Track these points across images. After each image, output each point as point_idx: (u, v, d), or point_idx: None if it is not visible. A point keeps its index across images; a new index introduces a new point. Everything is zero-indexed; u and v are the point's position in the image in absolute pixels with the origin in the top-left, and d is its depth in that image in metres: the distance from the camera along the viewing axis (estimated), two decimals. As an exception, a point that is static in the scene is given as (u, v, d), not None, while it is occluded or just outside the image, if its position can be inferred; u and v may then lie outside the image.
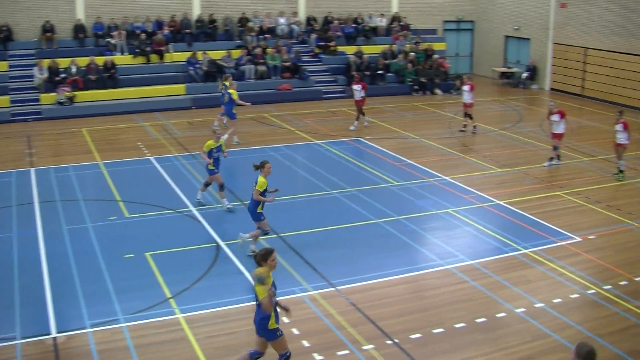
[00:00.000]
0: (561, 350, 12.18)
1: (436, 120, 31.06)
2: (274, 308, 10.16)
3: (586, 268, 15.66)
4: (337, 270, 15.17)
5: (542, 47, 40.80)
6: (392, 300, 13.86)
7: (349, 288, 14.31)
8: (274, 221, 17.68)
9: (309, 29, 39.25)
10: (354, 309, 13.42)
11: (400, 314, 13.26)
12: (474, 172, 22.79)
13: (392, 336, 12.43)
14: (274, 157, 23.58)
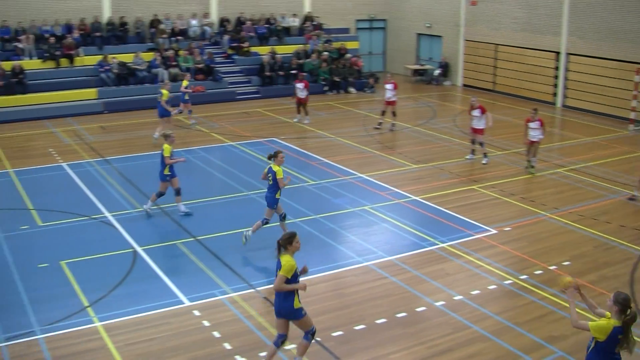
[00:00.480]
0: (481, 341, 12.40)
1: (351, 118, 31.24)
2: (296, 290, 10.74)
3: (503, 259, 15.98)
4: (256, 271, 15.16)
5: (453, 44, 41.46)
6: (313, 299, 13.85)
7: (269, 289, 14.27)
8: (190, 225, 17.59)
9: (222, 30, 39.01)
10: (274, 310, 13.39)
11: (321, 313, 13.28)
12: (390, 169, 22.99)
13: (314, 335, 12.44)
14: (190, 160, 23.39)
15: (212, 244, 16.65)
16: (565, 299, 14.01)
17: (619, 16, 32.26)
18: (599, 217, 18.99)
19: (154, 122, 27.61)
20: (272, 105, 33.06)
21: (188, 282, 14.54)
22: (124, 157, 24.07)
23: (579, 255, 16.42)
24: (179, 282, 14.53)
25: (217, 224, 18.02)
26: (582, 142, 27.90)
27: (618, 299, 8.96)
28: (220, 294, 14.06)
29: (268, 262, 15.57)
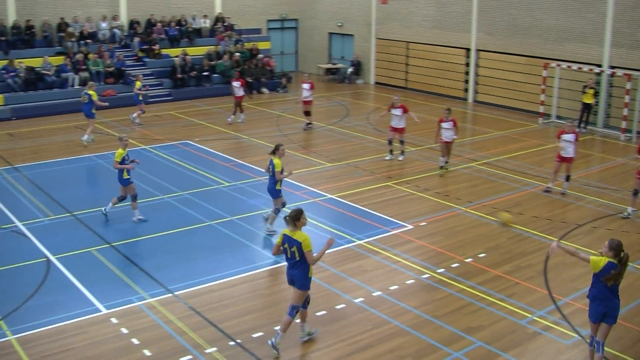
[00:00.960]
0: (401, 335, 12.48)
1: (264, 119, 31.15)
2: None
3: (419, 254, 16.12)
4: (173, 275, 14.91)
5: (365, 42, 41.77)
6: (232, 301, 13.77)
7: (187, 292, 14.11)
8: (105, 232, 17.26)
9: (132, 32, 38.43)
10: (193, 314, 13.24)
11: (240, 314, 13.20)
12: (305, 168, 22.99)
13: (234, 337, 12.34)
14: (102, 165, 23.00)
15: (128, 249, 16.36)
16: (483, 290, 14.24)
17: (527, 13, 32.97)
18: (513, 209, 19.33)
19: (65, 128, 27.03)
20: (184, 108, 32.73)
21: (104, 289, 14.24)
22: (34, 165, 23.47)
23: (494, 247, 16.68)
24: (95, 290, 14.21)
25: (132, 229, 17.70)
26: (494, 136, 28.40)
27: (612, 245, 10.90)
28: (138, 300, 13.82)
29: (186, 265, 15.43)
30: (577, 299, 14.11)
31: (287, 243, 11.69)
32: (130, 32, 38.55)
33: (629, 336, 12.75)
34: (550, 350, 12.17)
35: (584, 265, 15.50)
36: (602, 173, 23.42)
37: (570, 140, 20.36)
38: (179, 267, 15.41)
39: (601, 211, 19.47)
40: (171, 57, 37.30)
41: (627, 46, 29.57)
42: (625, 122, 28.60)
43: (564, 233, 17.70)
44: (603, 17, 30.15)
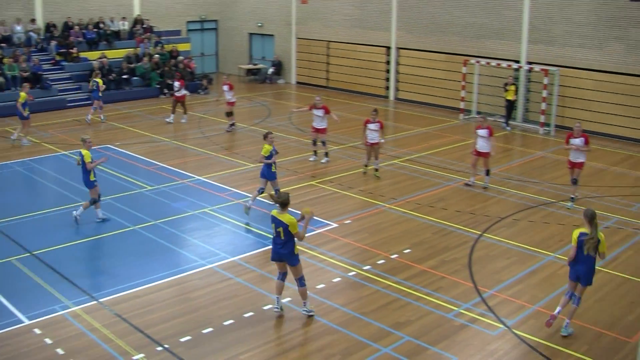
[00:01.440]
0: (329, 333, 12.49)
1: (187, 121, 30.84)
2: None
3: (345, 252, 16.17)
4: (98, 282, 14.66)
5: (286, 42, 41.76)
6: (158, 305, 13.60)
7: (112, 299, 13.86)
8: (25, 240, 16.85)
9: (48, 35, 37.64)
10: (119, 320, 13.02)
11: (167, 319, 13.03)
12: (228, 169, 22.86)
13: (162, 342, 12.18)
14: (20, 172, 22.49)
15: (50, 257, 15.95)
16: (410, 285, 14.34)
17: (445, 11, 33.41)
18: (436, 204, 19.55)
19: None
20: (104, 112, 32.19)
21: (26, 299, 13.88)
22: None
23: (418, 242, 16.83)
24: (16, 300, 13.82)
25: (53, 236, 17.29)
26: (416, 133, 28.68)
27: (586, 214, 12.21)
28: (62, 309, 13.51)
29: (110, 272, 15.19)
30: (501, 291, 14.33)
31: (274, 224, 12.68)
32: (46, 36, 37.75)
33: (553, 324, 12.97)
34: (477, 342, 12.33)
35: (507, 258, 15.86)
36: (522, 167, 23.85)
37: (484, 136, 20.59)
38: (104, 273, 15.17)
39: (522, 204, 19.83)
40: (90, 61, 36.65)
41: (543, 42, 30.17)
42: (543, 117, 29.19)
43: (486, 226, 17.97)
44: (520, 14, 30.73)
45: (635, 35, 27.44)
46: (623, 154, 25.88)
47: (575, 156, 19.48)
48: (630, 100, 27.87)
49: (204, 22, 45.34)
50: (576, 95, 29.42)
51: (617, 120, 28.17)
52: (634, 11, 27.32)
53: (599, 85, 28.78)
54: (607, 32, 28.22)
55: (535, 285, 14.71)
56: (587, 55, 28.98)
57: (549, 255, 16.23)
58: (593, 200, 20.21)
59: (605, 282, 14.89)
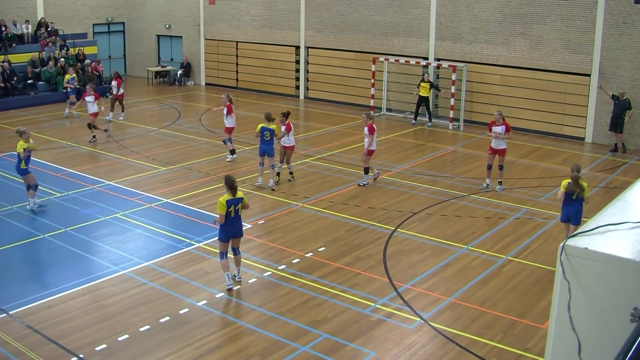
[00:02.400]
0: (247, 334, 12.47)
1: (95, 125, 30.32)
2: None
3: (260, 252, 16.14)
4: (7, 294, 14.22)
5: (194, 43, 41.45)
6: (72, 315, 13.31)
7: (23, 311, 13.47)
8: None
9: (-54, 40, 36.55)
10: (31, 332, 12.67)
11: (82, 328, 12.76)
12: (139, 173, 22.56)
13: (77, 352, 11.92)
14: None
15: (-45, 269, 15.51)
16: (325, 283, 14.37)
17: (354, 9, 33.66)
18: (349, 202, 19.66)
19: None
20: (8, 118, 31.34)
21: None
22: None
23: (333, 240, 16.89)
24: None
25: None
26: (327, 131, 28.80)
27: (573, 169, 15.02)
28: (-31, 322, 13.13)
29: (20, 282, 14.80)
30: (416, 284, 14.50)
31: (233, 204, 14.03)
32: (-55, 40, 36.64)
33: (467, 314, 13.21)
34: (395, 336, 12.45)
35: (421, 252, 16.06)
36: (433, 161, 24.17)
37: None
38: (13, 284, 14.72)
39: (434, 198, 20.11)
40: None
41: (451, 39, 30.65)
42: (452, 112, 29.65)
43: (400, 222, 18.15)
44: (427, 11, 31.15)
45: (539, 31, 28.14)
46: (530, 147, 26.48)
47: (497, 143, 20.45)
48: (535, 94, 28.58)
49: (110, 24, 44.65)
50: (484, 91, 30.01)
51: (524, 114, 28.81)
52: (538, 8, 28.02)
53: (506, 80, 29.41)
54: (512, 28, 28.86)
55: (449, 277, 14.93)
56: (494, 51, 29.58)
57: (462, 248, 16.49)
58: (503, 193, 20.60)
59: (517, 271, 15.21)
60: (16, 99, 34.35)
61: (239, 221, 14.35)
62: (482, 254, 16.15)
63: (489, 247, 16.61)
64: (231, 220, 14.06)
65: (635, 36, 26.03)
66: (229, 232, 14.16)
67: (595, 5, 26.58)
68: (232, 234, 14.25)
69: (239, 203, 14.09)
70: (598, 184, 21.79)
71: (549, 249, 16.40)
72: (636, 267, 3.07)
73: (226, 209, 13.89)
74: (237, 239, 14.43)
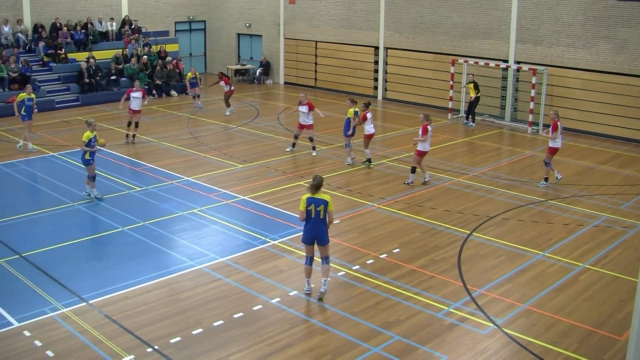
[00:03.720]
0: (320, 333, 12.49)
1: (174, 122, 30.81)
2: None
3: (334, 252, 16.13)
4: (87, 284, 14.58)
5: (274, 42, 41.75)
6: (148, 307, 13.56)
7: (101, 301, 13.81)
8: (14, 242, 16.75)
9: (36, 36, 37.51)
10: (109, 322, 12.97)
11: (157, 320, 13.00)
12: (216, 170, 22.83)
13: (152, 343, 12.15)
14: (9, 174, 22.39)
15: (39, 259, 15.87)
16: (399, 285, 14.33)
17: (433, 11, 33.48)
18: (425, 204, 19.58)
19: None
20: (93, 113, 32.08)
21: (15, 301, 13.81)
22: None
23: (407, 242, 16.84)
24: (6, 303, 13.75)
25: (42, 238, 17.23)
26: (404, 132, 28.70)
27: None
28: (51, 310, 13.45)
29: (100, 273, 15.13)
30: (491, 289, 14.35)
31: (314, 204, 13.48)
32: (34, 37, 37.63)
33: (542, 322, 13.03)
34: (467, 341, 12.35)
35: (497, 257, 15.89)
36: (511, 166, 23.89)
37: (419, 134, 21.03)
38: (92, 275, 15.08)
39: (511, 203, 19.87)
40: (78, 62, 36.53)
41: (531, 42, 30.25)
42: (531, 116, 29.26)
43: (476, 225, 17.99)
44: (508, 13, 30.81)
45: (623, 35, 27.55)
46: (611, 153, 25.96)
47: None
48: (618, 99, 27.98)
49: (192, 22, 45.29)
50: (564, 95, 29.51)
51: (605, 119, 28.26)
52: (622, 10, 27.43)
53: (587, 84, 28.88)
54: (595, 31, 28.32)
55: (524, 283, 14.75)
56: (575, 54, 29.08)
57: (538, 254, 16.27)
58: (582, 199, 20.27)
59: (595, 280, 14.94)
60: (100, 95, 35.18)
61: (320, 225, 13.64)
62: (558, 261, 15.91)
63: (566, 254, 16.34)
64: (311, 221, 13.59)
65: None
66: (310, 234, 13.70)
67: (683, 8, 25.93)
68: (313, 238, 13.71)
69: (320, 204, 13.46)
70: (681, 193, 21.25)
71: (629, 259, 16.06)
72: None
73: (305, 206, 13.51)
74: (322, 247, 13.80)
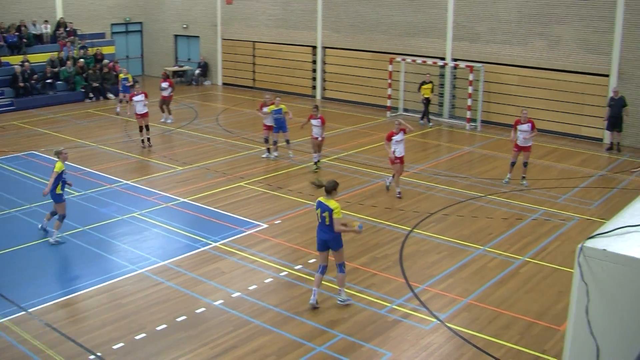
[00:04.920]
0: (263, 334, 12.48)
1: (112, 125, 30.47)
2: None
3: (276, 252, 16.15)
4: (26, 292, 14.30)
5: (211, 43, 41.54)
6: (89, 313, 13.39)
7: (42, 309, 13.57)
8: (-52, 249, 16.39)
9: (-33, 40, 36.78)
10: (50, 330, 12.75)
11: (99, 326, 12.83)
12: (156, 173, 22.66)
13: (94, 350, 11.99)
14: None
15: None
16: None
17: (371, 10, 33.66)
18: (365, 202, 19.67)
19: None
20: (28, 117, 31.57)
21: (-50, 311, 13.55)
22: None
23: (349, 240, 16.85)
24: (-60, 312, 13.50)
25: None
26: (344, 131, 28.80)
27: None
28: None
29: (39, 280, 14.88)
30: (433, 285, 14.49)
31: (320, 209, 13.15)
32: (-34, 40, 36.87)
33: (484, 316, 13.18)
34: (411, 337, 12.44)
35: (438, 252, 16.04)
36: (450, 162, 24.13)
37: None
38: (32, 283, 14.81)
39: (451, 199, 20.07)
40: (12, 65, 35.85)
41: (468, 39, 30.59)
42: (469, 112, 29.58)
43: (416, 222, 18.13)
44: (444, 12, 31.11)
45: (557, 32, 28.03)
46: (548, 147, 26.37)
47: (523, 141, 21.04)
48: (553, 94, 28.46)
49: (128, 24, 44.81)
50: (501, 91, 29.93)
51: (541, 114, 28.67)
52: (556, 8, 27.92)
53: (523, 80, 29.32)
54: (530, 28, 28.78)
55: (466, 278, 14.90)
56: (511, 51, 29.49)
57: (479, 249, 16.46)
58: (520, 194, 20.55)
59: (534, 272, 15.16)
60: (35, 99, 34.62)
61: (325, 231, 13.23)
62: (499, 255, 16.11)
63: (506, 248, 16.56)
64: (319, 225, 13.36)
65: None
66: (319, 238, 13.41)
67: (615, 5, 26.44)
68: (324, 243, 13.34)
69: (325, 211, 13.07)
70: (617, 185, 21.68)
71: (567, 251, 16.32)
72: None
73: (315, 208, 13.40)
74: (334, 252, 13.40)
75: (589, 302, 3.14)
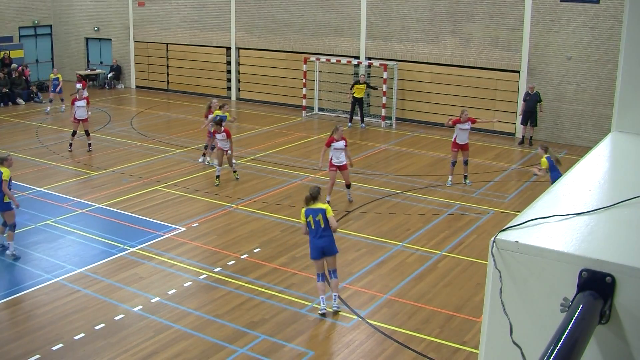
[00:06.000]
0: (185, 338, 12.34)
1: (22, 131, 29.75)
2: None
3: (195, 255, 16.02)
4: None
5: (124, 46, 40.96)
6: (3, 325, 13.04)
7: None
8: None
9: None
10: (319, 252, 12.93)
11: (14, 339, 12.49)
12: (70, 179, 22.22)
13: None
14: None
15: None
16: (262, 284, 14.32)
17: (284, 10, 33.66)
18: (283, 202, 19.66)
19: None
20: None
21: None
22: None
23: (268, 240, 16.86)
24: None
25: None
26: (259, 132, 28.74)
27: (542, 146, 17.59)
28: None
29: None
30: (353, 282, 14.57)
31: (312, 214, 13.04)
32: None
33: (404, 311, 13.30)
34: (333, 335, 12.50)
35: (357, 250, 16.13)
36: (366, 160, 24.28)
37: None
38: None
39: (368, 196, 20.20)
40: None
41: (381, 38, 30.85)
42: (384, 110, 29.83)
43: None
44: (357, 11, 31.31)
45: (469, 29, 28.52)
46: (461, 143, 26.75)
47: (462, 139, 21.05)
48: (466, 91, 28.94)
49: (37, 27, 43.84)
50: (415, 88, 30.29)
51: (454, 110, 28.94)
52: (467, 6, 28.41)
53: (436, 77, 29.73)
54: (442, 26, 29.19)
55: (385, 274, 15.02)
56: (424, 49, 29.86)
57: (397, 245, 16.61)
58: (436, 189, 20.81)
59: (452, 266, 15.38)
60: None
61: (324, 235, 13.12)
62: (417, 251, 16.29)
63: (424, 243, 16.76)
64: (313, 233, 13.14)
65: (562, 33, 26.55)
66: (316, 246, 13.17)
67: (523, 3, 27.04)
68: (321, 251, 13.19)
69: (318, 214, 13.00)
70: (529, 178, 22.13)
71: (483, 244, 16.60)
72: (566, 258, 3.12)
73: (305, 218, 13.13)
74: (330, 258, 13.27)
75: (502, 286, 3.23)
